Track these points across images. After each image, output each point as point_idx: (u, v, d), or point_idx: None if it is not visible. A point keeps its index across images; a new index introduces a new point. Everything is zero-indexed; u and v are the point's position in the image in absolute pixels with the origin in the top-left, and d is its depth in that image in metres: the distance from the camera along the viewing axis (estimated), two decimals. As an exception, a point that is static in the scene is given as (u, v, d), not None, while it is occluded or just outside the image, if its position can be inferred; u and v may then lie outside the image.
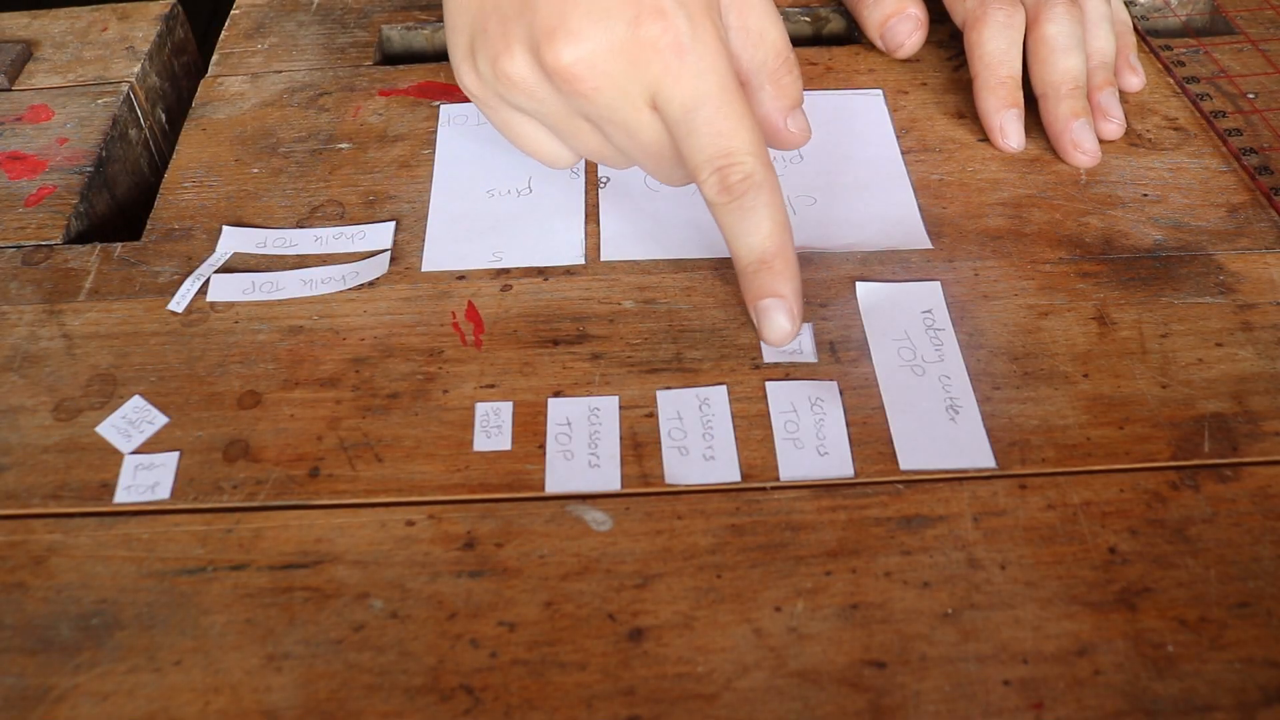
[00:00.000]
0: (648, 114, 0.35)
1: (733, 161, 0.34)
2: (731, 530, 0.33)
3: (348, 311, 0.39)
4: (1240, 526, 0.32)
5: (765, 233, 0.36)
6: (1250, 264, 0.40)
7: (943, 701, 0.29)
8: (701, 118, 0.34)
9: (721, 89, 0.34)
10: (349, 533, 0.33)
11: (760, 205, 0.35)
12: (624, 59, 0.33)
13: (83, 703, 0.29)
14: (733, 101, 0.34)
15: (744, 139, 0.34)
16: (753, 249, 0.36)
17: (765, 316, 0.36)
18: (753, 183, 0.35)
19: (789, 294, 0.36)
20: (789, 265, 0.36)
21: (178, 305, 0.39)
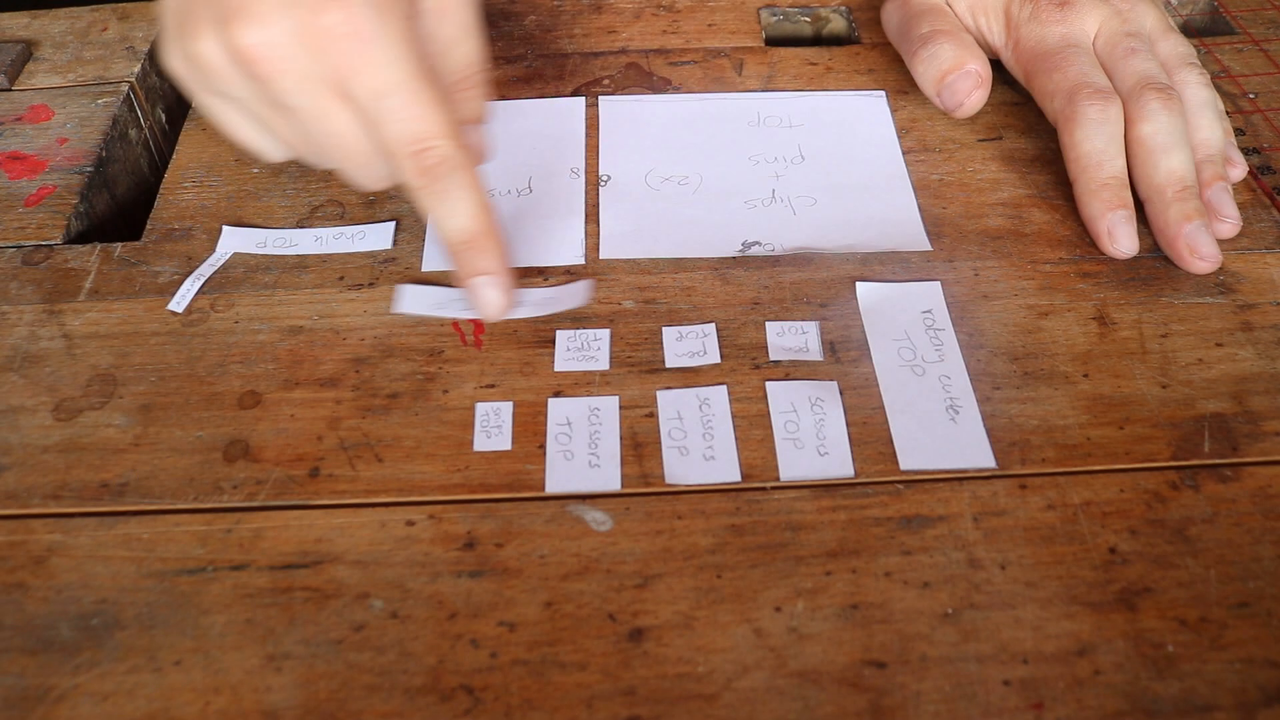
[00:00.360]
0: (335, 103, 0.34)
1: (427, 146, 0.34)
2: (731, 530, 0.33)
3: (348, 311, 0.39)
4: (1240, 526, 0.32)
5: (468, 213, 0.36)
6: (1250, 264, 0.40)
7: (943, 701, 0.29)
8: (392, 104, 0.34)
9: (410, 76, 0.34)
10: (349, 533, 0.33)
11: (458, 187, 0.35)
12: (306, 44, 0.33)
13: (83, 703, 0.29)
14: (422, 88, 0.34)
15: (436, 123, 0.34)
16: (458, 229, 0.36)
17: (478, 293, 0.37)
18: (450, 165, 0.35)
19: (497, 269, 0.37)
20: (494, 241, 0.37)
21: (178, 305, 0.39)
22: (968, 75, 0.44)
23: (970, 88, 0.44)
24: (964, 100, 0.44)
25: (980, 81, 0.44)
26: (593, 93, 0.48)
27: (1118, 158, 0.41)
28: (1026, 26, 0.44)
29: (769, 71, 0.49)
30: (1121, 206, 0.40)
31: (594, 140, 0.46)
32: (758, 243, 0.41)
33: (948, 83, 0.44)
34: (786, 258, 0.41)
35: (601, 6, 0.53)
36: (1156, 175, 0.40)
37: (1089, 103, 0.41)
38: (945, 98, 0.44)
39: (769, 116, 0.47)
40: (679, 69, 0.50)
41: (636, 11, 0.53)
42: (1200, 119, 0.42)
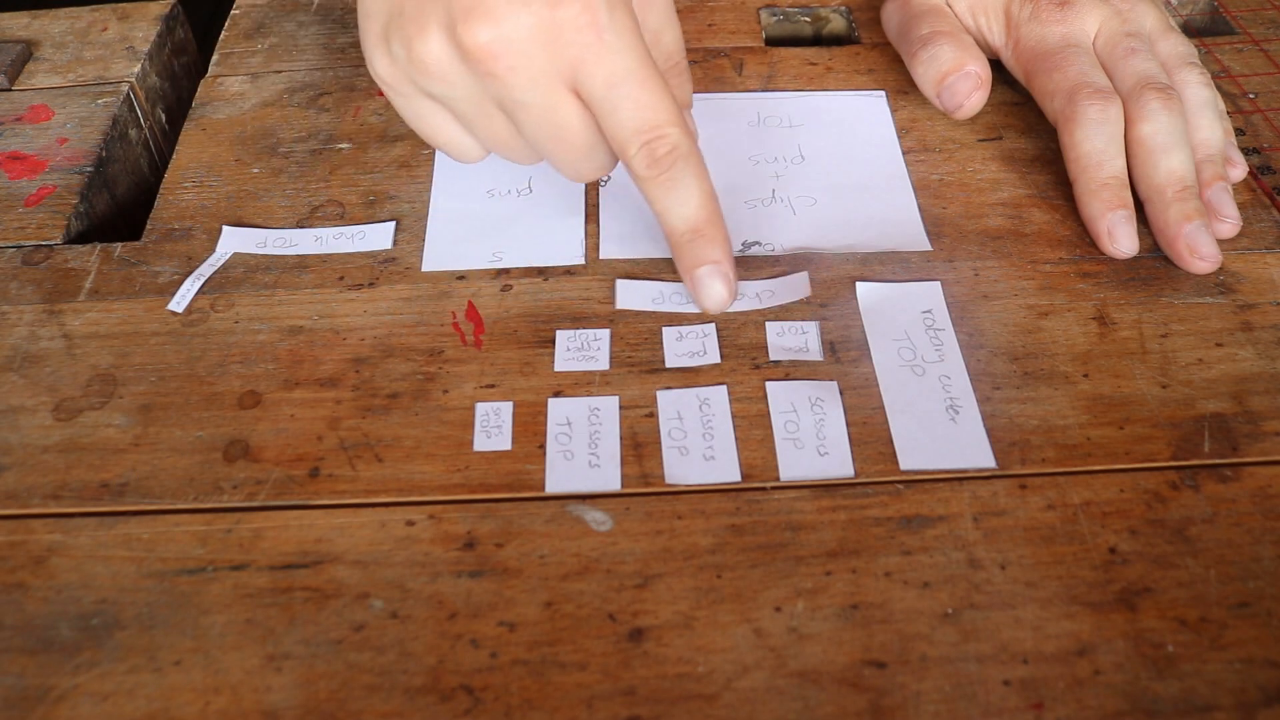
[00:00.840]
0: (567, 95, 0.35)
1: (659, 134, 0.35)
2: (731, 530, 0.33)
3: (348, 311, 0.39)
4: (1240, 526, 0.32)
5: (696, 203, 0.36)
6: (1250, 264, 0.40)
7: (943, 702, 0.29)
8: (624, 93, 0.34)
9: (641, 64, 0.34)
10: (349, 533, 0.33)
11: (689, 175, 0.36)
12: (542, 39, 0.33)
13: (83, 703, 0.29)
14: (653, 76, 0.35)
15: (667, 112, 0.35)
16: (685, 219, 0.36)
17: (702, 284, 0.37)
18: (680, 154, 0.35)
19: (724, 258, 0.37)
20: (721, 231, 0.37)
21: (178, 305, 0.39)
22: (967, 76, 0.44)
23: (970, 89, 0.44)
24: (964, 101, 0.44)
25: (980, 83, 0.44)
26: (593, 93, 0.48)
27: (1118, 158, 0.41)
28: (1026, 26, 0.44)
29: (769, 71, 0.49)
30: (1121, 206, 0.40)
31: (594, 140, 0.46)
32: (758, 243, 0.41)
33: (947, 84, 0.44)
34: (786, 258, 0.41)
35: (601, 6, 0.53)
36: (1156, 175, 0.40)
37: (1089, 102, 0.41)
38: (945, 99, 0.44)
39: (769, 116, 0.47)
40: (679, 69, 0.50)
41: (636, 11, 0.53)
42: (1200, 119, 0.42)
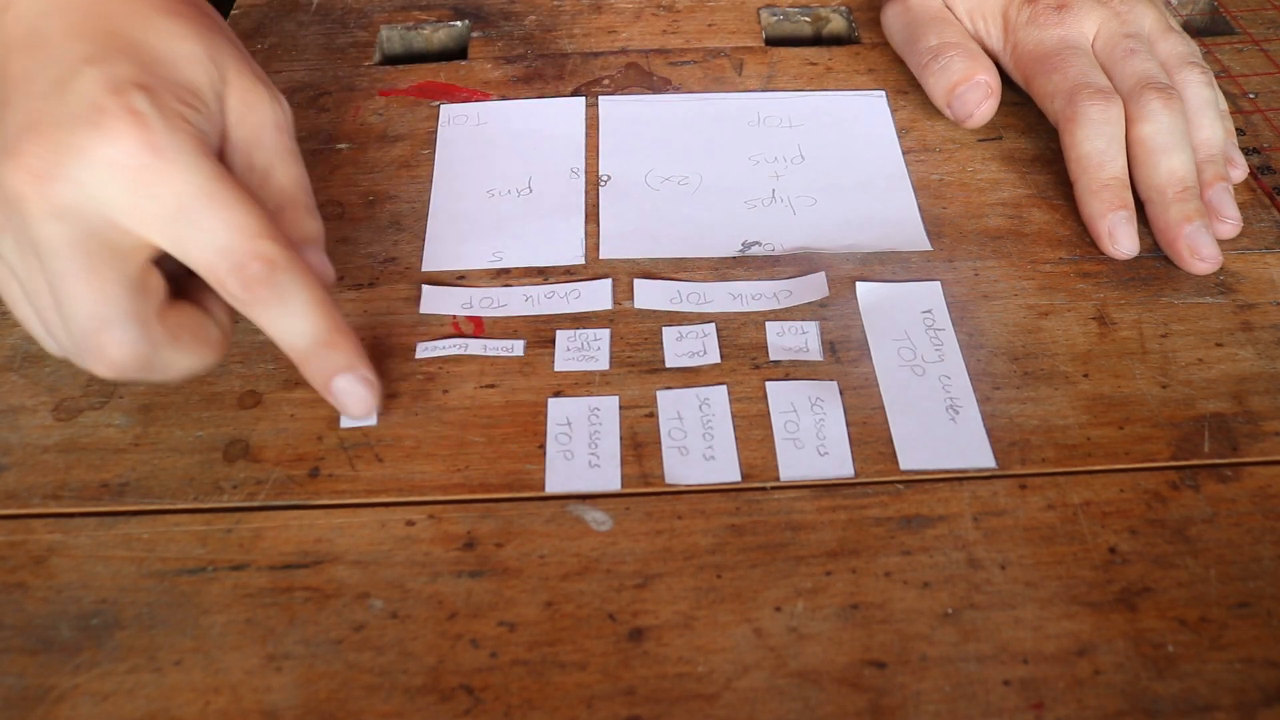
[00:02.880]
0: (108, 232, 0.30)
1: (248, 251, 0.31)
2: (731, 530, 0.33)
3: (348, 311, 0.39)
4: (1240, 526, 0.32)
5: (311, 314, 0.32)
6: (1250, 264, 0.40)
7: (943, 701, 0.29)
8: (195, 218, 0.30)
9: (212, 183, 0.31)
10: (349, 533, 0.33)
11: (295, 286, 0.32)
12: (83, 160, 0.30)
13: (83, 703, 0.29)
14: (228, 193, 0.31)
15: (251, 227, 0.31)
16: (305, 334, 0.32)
17: (345, 394, 0.34)
18: (277, 267, 0.31)
19: (357, 362, 0.34)
20: (346, 335, 0.33)
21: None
22: (977, 86, 0.44)
23: (980, 98, 0.44)
24: (974, 111, 0.44)
25: (990, 92, 0.44)
26: (593, 93, 0.48)
27: (1119, 158, 0.41)
28: (1024, 30, 0.44)
29: (769, 71, 0.49)
30: (1122, 207, 0.40)
31: (594, 140, 0.46)
32: (758, 243, 0.41)
33: (958, 94, 0.44)
34: (786, 258, 0.41)
35: (601, 6, 0.53)
36: (1157, 175, 0.40)
37: (1090, 103, 0.41)
38: (956, 108, 0.44)
39: (769, 116, 0.47)
40: (679, 69, 0.50)
41: (636, 11, 0.53)
42: (1201, 118, 0.42)
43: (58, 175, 0.30)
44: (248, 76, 0.34)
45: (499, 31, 0.52)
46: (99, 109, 0.30)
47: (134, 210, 0.30)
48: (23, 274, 0.31)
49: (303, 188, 0.35)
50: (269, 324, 0.32)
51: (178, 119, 0.31)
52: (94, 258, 0.30)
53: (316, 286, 0.32)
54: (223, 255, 0.31)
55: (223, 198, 0.31)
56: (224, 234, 0.31)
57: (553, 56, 0.50)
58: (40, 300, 0.31)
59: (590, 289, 0.40)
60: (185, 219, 0.30)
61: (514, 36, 0.52)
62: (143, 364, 0.31)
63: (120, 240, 0.30)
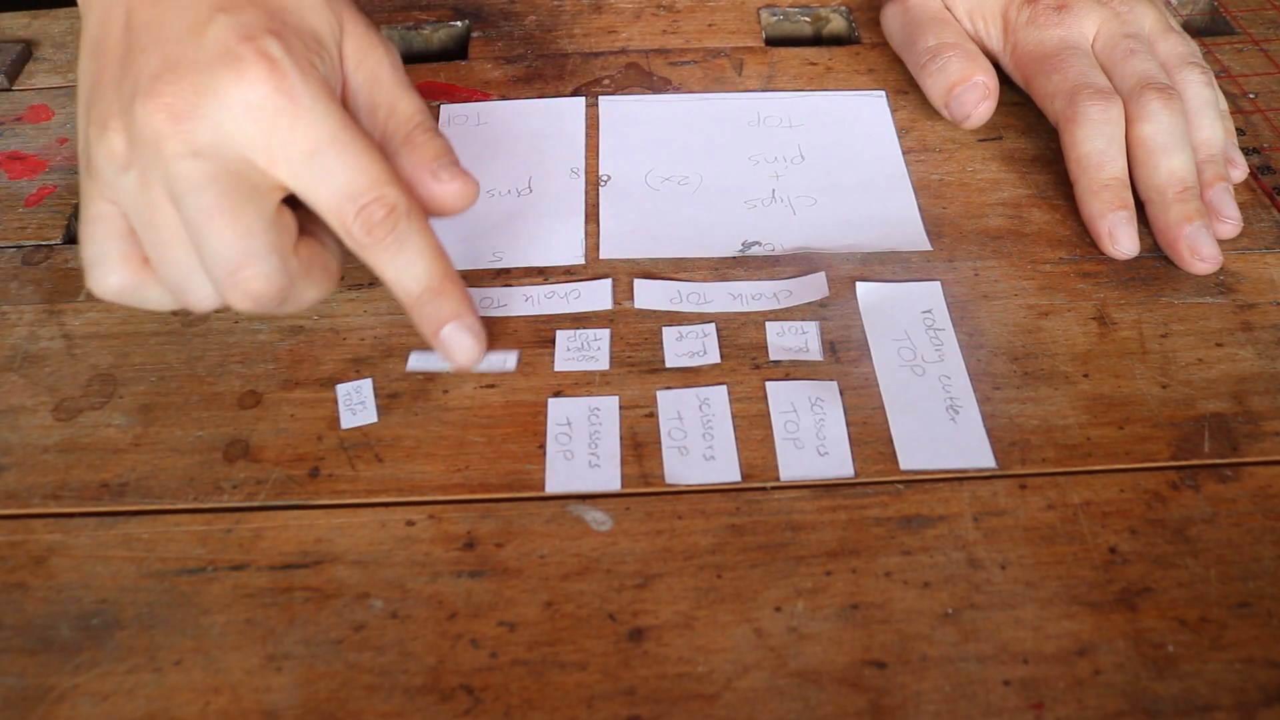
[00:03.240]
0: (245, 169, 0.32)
1: (373, 196, 0.32)
2: (731, 530, 0.33)
3: (348, 311, 0.39)
4: (1240, 526, 0.32)
5: (427, 260, 0.34)
6: (1250, 264, 0.40)
7: (943, 701, 0.29)
8: (324, 161, 0.32)
9: (341, 130, 0.32)
10: (349, 533, 0.33)
11: (413, 234, 0.33)
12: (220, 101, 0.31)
13: (83, 703, 0.29)
14: (356, 139, 0.32)
15: (376, 173, 0.32)
16: (418, 279, 0.34)
17: (451, 343, 0.35)
18: (400, 213, 0.33)
19: (466, 311, 0.35)
20: (458, 284, 0.35)
21: None
22: (975, 87, 0.44)
23: (978, 99, 0.44)
24: (972, 111, 0.44)
25: (988, 93, 0.44)
26: (593, 93, 0.48)
27: (1119, 158, 0.41)
28: (1024, 30, 0.44)
29: (769, 71, 0.49)
30: (1122, 207, 0.40)
31: (594, 140, 0.46)
32: (758, 243, 0.41)
33: (956, 94, 0.44)
34: (786, 258, 0.41)
35: (601, 6, 0.53)
36: (1157, 176, 0.40)
37: (1090, 103, 0.41)
38: (954, 109, 0.45)
39: (769, 116, 0.47)
40: (679, 69, 0.50)
41: (636, 11, 0.53)
42: (1201, 119, 0.42)
43: (197, 114, 0.31)
44: (361, 24, 0.35)
45: (499, 31, 0.52)
46: (234, 54, 0.31)
47: (268, 151, 0.32)
48: (143, 214, 0.32)
49: (425, 113, 0.36)
50: (385, 266, 0.34)
51: (308, 65, 0.32)
52: (236, 194, 0.31)
53: (432, 235, 0.34)
54: (349, 199, 0.32)
55: (351, 144, 0.32)
56: (350, 179, 0.32)
57: (553, 56, 0.50)
58: (162, 236, 0.32)
59: (590, 289, 0.40)
60: (316, 162, 0.32)
61: (514, 36, 0.52)
62: (281, 296, 0.33)
63: (257, 179, 0.32)
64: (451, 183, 0.35)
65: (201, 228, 0.31)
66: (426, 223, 0.34)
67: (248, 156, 0.32)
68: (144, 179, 0.32)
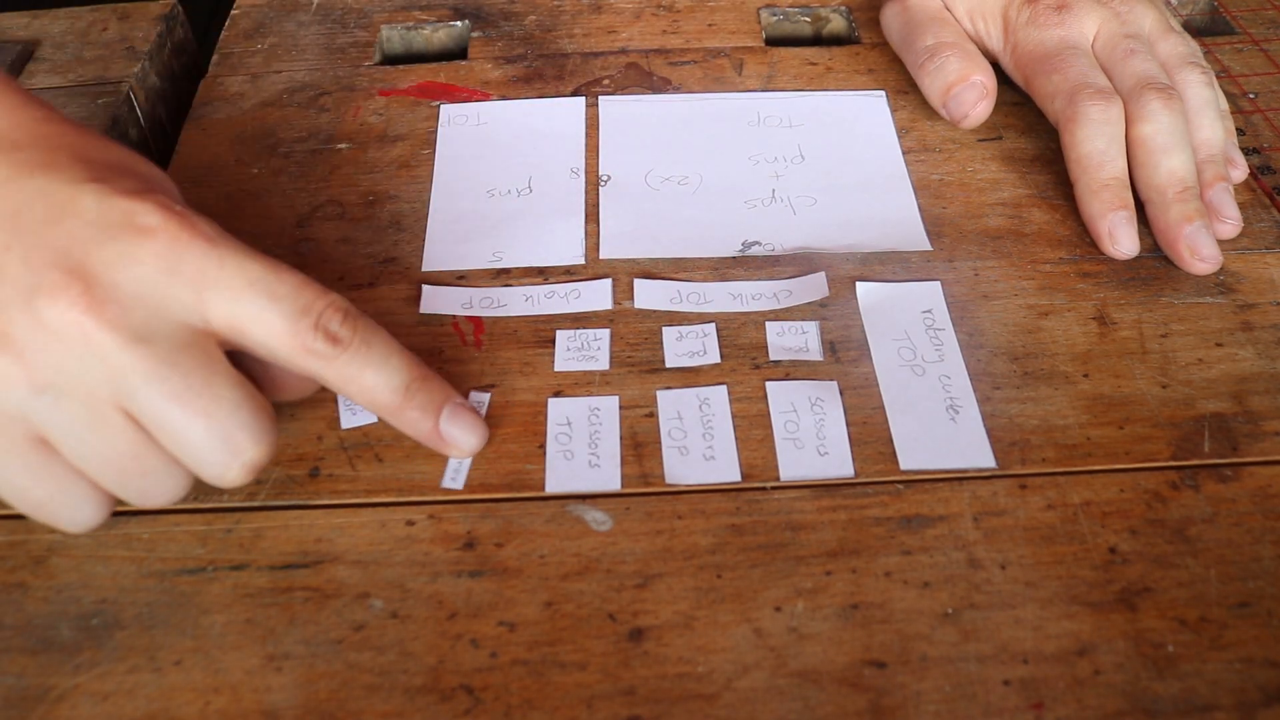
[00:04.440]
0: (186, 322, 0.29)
1: (325, 303, 0.31)
2: (731, 530, 0.33)
3: (348, 311, 0.39)
4: (1240, 526, 0.32)
5: (398, 353, 0.32)
6: (1250, 264, 0.40)
7: (943, 701, 0.29)
8: (267, 285, 0.30)
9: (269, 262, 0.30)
10: (349, 533, 0.33)
11: (373, 329, 0.32)
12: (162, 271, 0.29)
13: (83, 703, 0.29)
14: (288, 268, 0.31)
15: (315, 286, 0.31)
16: (399, 372, 0.32)
17: (458, 429, 0.33)
18: (354, 314, 0.31)
19: (452, 394, 0.34)
20: (430, 375, 0.33)
21: None
22: (973, 87, 0.44)
23: (976, 99, 0.44)
24: (969, 111, 0.44)
25: (985, 93, 0.44)
26: (593, 93, 0.48)
27: (1119, 158, 0.41)
28: (1024, 30, 0.44)
29: (769, 71, 0.49)
30: (1122, 207, 0.40)
31: (594, 140, 0.46)
32: (758, 243, 0.41)
33: (954, 94, 0.44)
34: (786, 258, 0.41)
35: (601, 6, 0.53)
36: (1157, 176, 0.40)
37: (1090, 103, 0.41)
38: (952, 109, 0.45)
39: (769, 116, 0.47)
40: (679, 69, 0.50)
41: (636, 11, 0.53)
42: (1202, 119, 0.42)
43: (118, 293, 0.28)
44: None
45: (499, 31, 0.52)
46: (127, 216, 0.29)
47: (200, 302, 0.29)
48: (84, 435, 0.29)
49: None
50: (359, 373, 0.31)
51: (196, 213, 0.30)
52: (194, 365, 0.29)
53: (389, 335, 0.32)
54: (300, 315, 0.30)
55: (277, 265, 0.30)
56: (296, 295, 0.30)
57: (553, 56, 0.50)
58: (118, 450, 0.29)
59: (590, 289, 0.40)
60: (256, 290, 0.30)
61: (514, 36, 0.52)
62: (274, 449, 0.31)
63: (202, 340, 0.29)
64: None
65: (172, 417, 0.29)
66: (379, 325, 0.32)
67: (184, 320, 0.29)
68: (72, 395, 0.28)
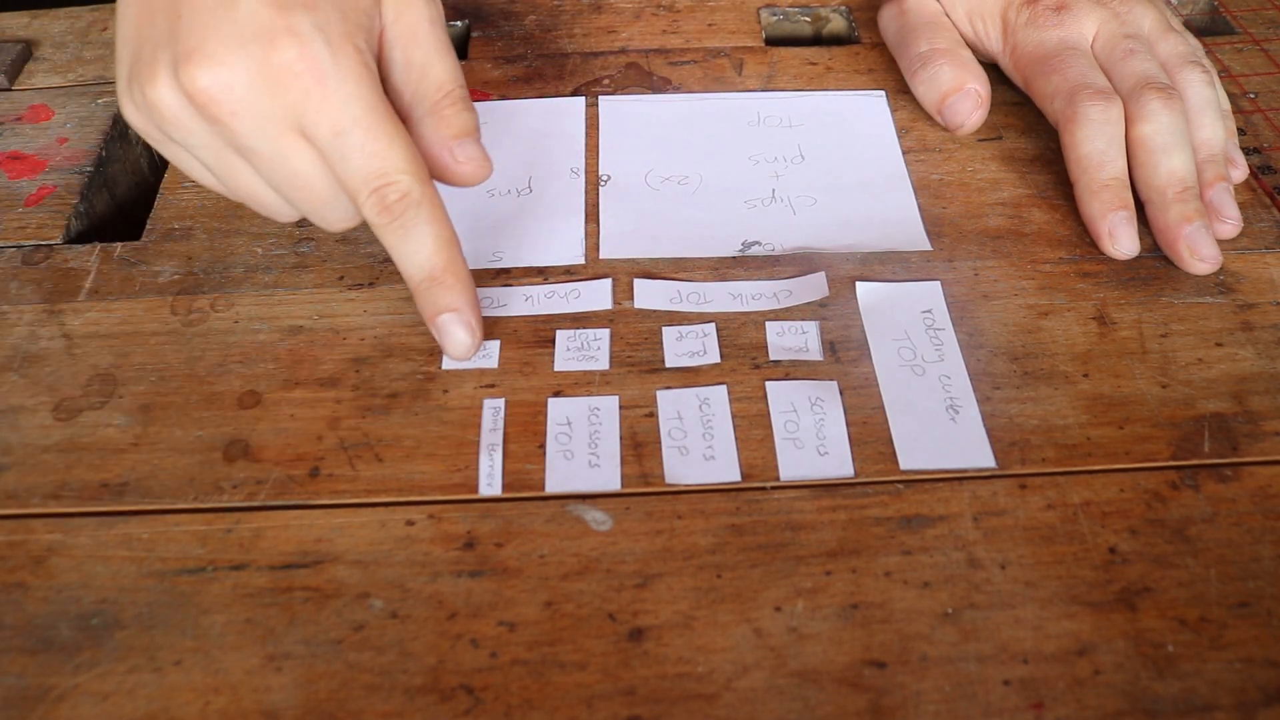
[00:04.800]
0: (296, 140, 0.33)
1: (388, 181, 0.34)
2: (731, 530, 0.33)
3: (347, 311, 0.39)
4: (1240, 526, 0.32)
5: (430, 249, 0.35)
6: (1250, 264, 0.40)
7: (943, 701, 0.29)
8: (352, 141, 0.33)
9: (369, 110, 0.33)
10: (349, 533, 0.33)
11: (421, 222, 0.35)
12: (262, 84, 0.32)
13: (83, 703, 0.29)
14: (381, 123, 0.33)
15: (397, 158, 0.34)
16: (421, 266, 0.35)
17: (444, 332, 0.36)
18: (411, 200, 0.34)
19: (463, 306, 0.36)
20: (460, 279, 0.36)
21: None
22: (968, 95, 0.44)
23: (971, 108, 0.44)
24: (965, 120, 0.44)
25: (980, 101, 0.44)
26: (593, 92, 0.48)
27: (1119, 158, 0.41)
28: (1024, 32, 0.44)
29: (769, 71, 0.49)
30: (1122, 207, 0.40)
31: (594, 140, 0.46)
32: (758, 242, 0.41)
33: (949, 103, 0.44)
34: (786, 257, 0.41)
35: (601, 6, 0.53)
36: (1157, 176, 0.40)
37: (1090, 103, 0.41)
38: (947, 117, 0.45)
39: (769, 116, 0.47)
40: (679, 69, 0.50)
41: (636, 11, 0.53)
42: (1202, 118, 0.42)
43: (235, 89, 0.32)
44: None
45: (499, 31, 0.52)
46: (265, 30, 0.32)
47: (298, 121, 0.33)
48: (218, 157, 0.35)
49: (458, 80, 0.37)
50: (393, 247, 0.35)
51: (340, 38, 0.33)
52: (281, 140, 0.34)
53: (445, 225, 0.35)
54: (366, 180, 0.34)
55: (373, 128, 0.33)
56: (367, 163, 0.34)
57: (553, 56, 0.50)
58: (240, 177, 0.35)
59: (590, 289, 0.40)
60: (339, 141, 0.33)
61: (514, 36, 0.52)
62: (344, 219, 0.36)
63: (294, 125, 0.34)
64: (466, 164, 0.36)
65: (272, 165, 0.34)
66: (440, 211, 0.35)
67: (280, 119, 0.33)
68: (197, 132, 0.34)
